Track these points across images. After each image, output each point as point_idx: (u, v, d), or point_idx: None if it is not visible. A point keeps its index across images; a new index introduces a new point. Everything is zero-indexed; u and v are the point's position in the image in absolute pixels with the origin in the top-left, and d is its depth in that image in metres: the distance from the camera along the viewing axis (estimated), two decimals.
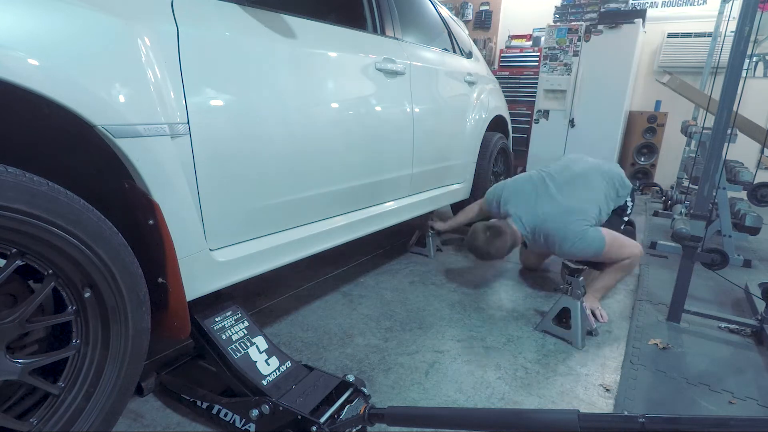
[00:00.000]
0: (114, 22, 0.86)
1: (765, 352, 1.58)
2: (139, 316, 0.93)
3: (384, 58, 1.71)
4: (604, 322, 1.78)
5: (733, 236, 2.46)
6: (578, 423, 0.74)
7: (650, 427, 0.69)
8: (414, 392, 1.30)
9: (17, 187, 0.71)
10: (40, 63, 0.73)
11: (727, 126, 1.52)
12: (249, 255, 1.23)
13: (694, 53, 4.30)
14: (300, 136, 1.33)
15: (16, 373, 0.79)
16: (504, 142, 2.97)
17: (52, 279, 0.81)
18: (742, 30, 1.45)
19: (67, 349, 0.87)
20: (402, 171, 1.92)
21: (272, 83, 1.24)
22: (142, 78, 0.90)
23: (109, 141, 0.84)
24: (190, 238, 1.05)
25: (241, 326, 1.21)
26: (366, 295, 1.94)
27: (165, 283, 1.00)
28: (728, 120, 1.51)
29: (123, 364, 0.92)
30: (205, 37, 1.06)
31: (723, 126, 1.52)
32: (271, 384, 1.12)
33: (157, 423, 1.15)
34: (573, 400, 1.30)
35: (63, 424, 0.86)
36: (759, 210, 2.61)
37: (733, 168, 2.57)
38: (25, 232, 0.74)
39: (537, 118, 4.62)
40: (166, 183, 0.96)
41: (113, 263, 0.86)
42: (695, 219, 1.63)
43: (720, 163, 1.58)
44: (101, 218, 0.85)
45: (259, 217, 1.27)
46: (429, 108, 2.05)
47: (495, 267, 2.35)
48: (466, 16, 5.33)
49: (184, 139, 1.00)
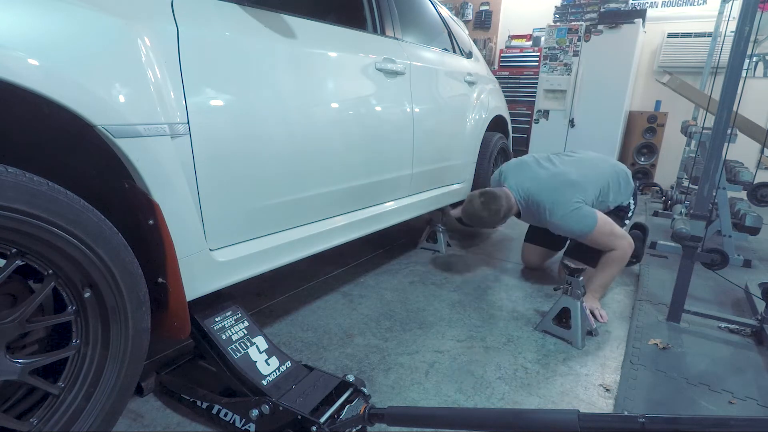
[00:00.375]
0: (114, 22, 0.86)
1: (765, 352, 1.58)
2: (139, 316, 0.93)
3: (384, 58, 1.71)
4: (604, 321, 1.78)
5: (733, 236, 2.46)
6: (578, 423, 0.74)
7: (650, 427, 0.69)
8: (414, 392, 1.30)
9: (17, 187, 0.71)
10: (40, 63, 0.73)
11: (727, 126, 1.52)
12: (249, 255, 1.23)
13: (694, 53, 4.30)
14: (300, 136, 1.33)
15: (15, 373, 0.79)
16: (504, 142, 2.97)
17: (52, 279, 0.81)
18: (742, 30, 1.45)
19: (67, 349, 0.87)
20: (402, 171, 1.92)
21: (272, 83, 1.24)
22: (142, 78, 0.90)
23: (109, 141, 0.84)
24: (190, 238, 1.05)
25: (241, 326, 1.21)
26: (366, 295, 1.94)
27: (165, 283, 1.00)
28: (728, 120, 1.51)
29: (123, 364, 0.92)
30: (205, 37, 1.06)
31: (723, 126, 1.52)
32: (271, 384, 1.11)
33: (157, 423, 1.15)
34: (573, 400, 1.30)
35: (63, 424, 0.86)
36: (759, 210, 2.61)
37: (733, 168, 2.57)
38: (25, 232, 0.73)
39: (537, 118, 4.62)
40: (166, 183, 0.95)
41: (113, 263, 0.86)
42: (695, 219, 1.63)
43: (720, 163, 1.58)
44: (101, 218, 0.85)
45: (259, 217, 1.27)
46: (429, 108, 2.05)
47: (495, 267, 2.35)
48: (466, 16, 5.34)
49: (184, 139, 1.00)
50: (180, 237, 1.00)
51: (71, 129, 0.85)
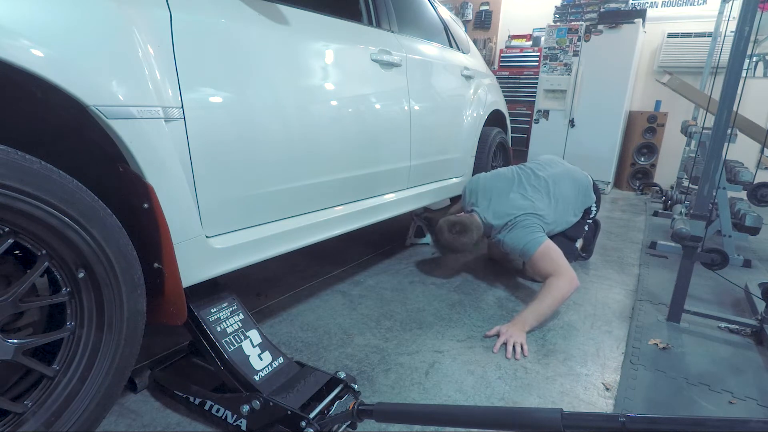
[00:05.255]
0: (107, 4, 0.87)
1: (765, 352, 1.58)
2: (134, 298, 0.93)
3: (380, 50, 1.72)
4: (520, 357, 1.48)
5: (733, 236, 2.46)
6: (561, 422, 0.76)
7: (630, 427, 0.71)
8: (414, 392, 1.30)
9: (9, 164, 0.71)
10: (32, 42, 0.74)
11: (727, 126, 1.52)
12: (246, 243, 1.23)
13: (694, 53, 4.30)
14: (295, 124, 1.34)
15: (9, 354, 0.79)
16: (502, 136, 2.97)
17: (45, 259, 0.81)
18: (742, 30, 1.45)
19: (62, 331, 0.87)
20: (400, 163, 1.92)
21: (267, 72, 1.24)
22: (134, 61, 0.91)
23: (102, 122, 0.85)
24: (186, 224, 1.04)
25: (236, 318, 1.20)
26: (366, 295, 1.93)
27: (161, 268, 1.00)
28: (728, 120, 1.51)
29: (118, 347, 0.92)
30: (198, 22, 1.06)
31: (723, 126, 1.51)
32: (263, 379, 1.11)
33: (157, 423, 1.15)
34: (573, 399, 1.30)
35: (58, 406, 0.86)
36: (759, 210, 2.61)
37: (733, 168, 2.57)
38: (17, 209, 0.73)
39: (537, 118, 4.62)
40: (161, 166, 0.96)
41: (107, 244, 0.86)
42: (695, 219, 1.63)
43: (720, 163, 1.57)
44: (95, 199, 0.85)
45: (256, 204, 1.27)
46: (426, 100, 2.06)
47: (495, 267, 2.35)
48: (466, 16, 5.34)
49: (178, 123, 1.01)
50: (175, 222, 1.00)
51: (67, 114, 0.86)
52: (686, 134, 3.40)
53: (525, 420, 0.83)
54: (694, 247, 1.66)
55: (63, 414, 0.87)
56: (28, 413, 0.84)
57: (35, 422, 0.83)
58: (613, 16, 4.10)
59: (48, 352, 0.88)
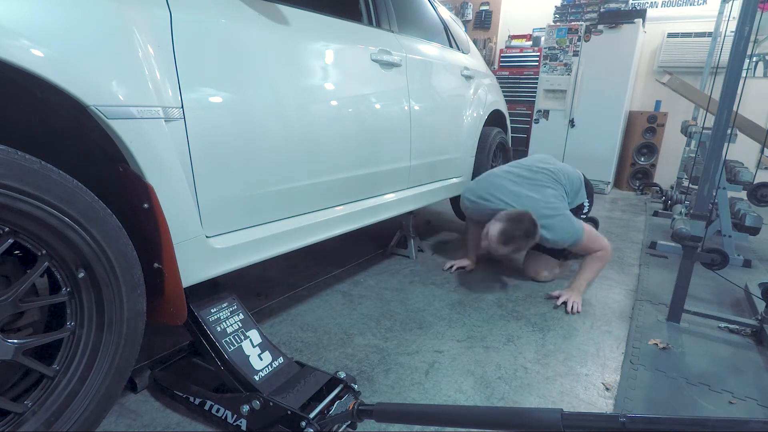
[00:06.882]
0: (107, 5, 0.87)
1: (765, 352, 1.58)
2: (134, 298, 0.93)
3: (380, 50, 1.72)
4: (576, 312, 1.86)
5: (733, 236, 2.46)
6: (561, 422, 0.76)
7: (630, 427, 0.71)
8: (414, 392, 1.30)
9: (9, 164, 0.71)
10: (32, 42, 0.74)
11: (727, 126, 1.52)
12: (246, 243, 1.23)
13: (694, 53, 4.30)
14: (295, 125, 1.34)
15: (9, 354, 0.79)
16: (503, 136, 2.97)
17: (45, 259, 0.81)
18: (742, 30, 1.45)
19: (62, 331, 0.87)
20: (400, 163, 1.92)
21: (267, 72, 1.24)
22: (134, 61, 0.91)
23: (102, 122, 0.85)
24: (186, 223, 1.04)
25: (236, 318, 1.20)
26: (366, 295, 1.93)
27: (161, 268, 1.00)
28: (728, 120, 1.51)
29: (118, 347, 0.92)
30: (198, 22, 1.06)
31: (723, 126, 1.51)
32: (263, 379, 1.11)
33: (157, 423, 1.15)
34: (573, 399, 1.30)
35: (58, 406, 0.86)
36: (759, 210, 2.61)
37: (733, 168, 2.57)
38: (17, 209, 0.73)
39: (537, 118, 4.62)
40: (161, 167, 0.96)
41: (107, 244, 0.86)
42: (695, 219, 1.63)
43: (720, 163, 1.57)
44: (94, 199, 0.85)
45: (256, 204, 1.27)
46: (426, 100, 2.06)
47: (495, 267, 2.35)
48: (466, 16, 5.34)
49: (178, 123, 1.01)
50: (175, 222, 1.00)
51: (68, 115, 0.86)
52: (686, 134, 3.40)
53: (525, 420, 0.83)
54: (694, 247, 1.66)
55: (63, 414, 0.87)
56: (28, 413, 0.84)
57: (35, 422, 0.83)
58: (613, 16, 4.10)
59: (48, 352, 0.88)
